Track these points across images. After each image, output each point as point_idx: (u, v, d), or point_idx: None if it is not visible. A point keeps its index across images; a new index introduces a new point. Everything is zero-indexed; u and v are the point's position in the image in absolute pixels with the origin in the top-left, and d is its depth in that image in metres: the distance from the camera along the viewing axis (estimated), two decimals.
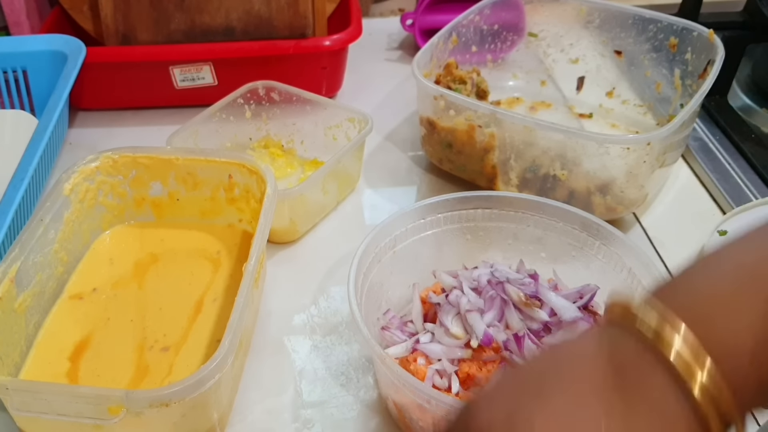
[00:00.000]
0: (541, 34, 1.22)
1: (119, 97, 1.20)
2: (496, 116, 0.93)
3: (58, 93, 1.00)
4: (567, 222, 0.81)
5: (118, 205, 0.91)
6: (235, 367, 0.75)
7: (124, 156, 0.88)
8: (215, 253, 0.90)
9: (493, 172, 0.98)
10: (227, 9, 1.14)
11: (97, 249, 0.90)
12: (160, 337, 0.79)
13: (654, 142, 0.88)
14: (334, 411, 0.76)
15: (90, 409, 0.62)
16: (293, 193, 0.89)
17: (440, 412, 0.64)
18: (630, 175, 0.91)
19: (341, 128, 1.04)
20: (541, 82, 1.24)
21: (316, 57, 1.15)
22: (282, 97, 1.06)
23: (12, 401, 0.63)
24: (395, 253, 0.80)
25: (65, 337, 0.79)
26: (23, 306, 0.75)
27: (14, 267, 0.73)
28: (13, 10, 1.20)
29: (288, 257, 0.95)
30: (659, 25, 1.09)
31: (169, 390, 0.61)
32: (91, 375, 0.75)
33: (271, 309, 0.87)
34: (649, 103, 1.15)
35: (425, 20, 1.33)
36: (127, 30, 1.14)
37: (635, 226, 0.99)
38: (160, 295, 0.84)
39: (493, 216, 0.83)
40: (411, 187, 1.07)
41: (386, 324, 0.77)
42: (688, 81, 1.06)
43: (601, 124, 1.16)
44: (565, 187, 0.94)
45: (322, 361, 0.81)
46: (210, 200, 0.91)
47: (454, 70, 1.08)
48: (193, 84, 1.16)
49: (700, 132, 1.13)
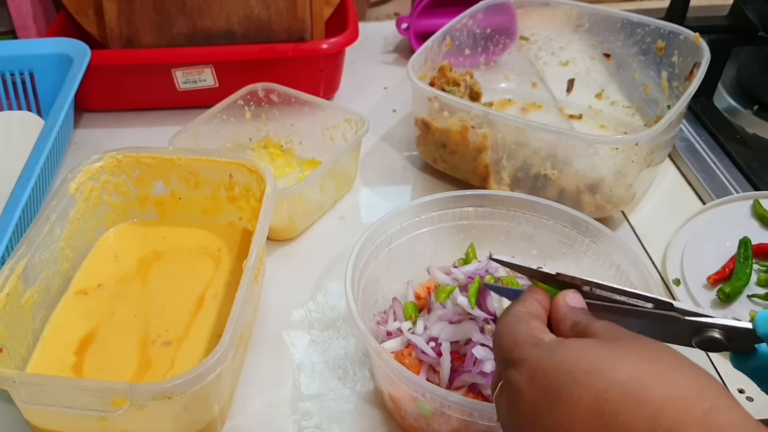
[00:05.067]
0: (532, 37, 1.22)
1: (123, 99, 1.20)
2: (488, 117, 0.93)
3: (64, 95, 1.01)
4: (557, 220, 0.82)
5: (122, 204, 0.92)
6: (236, 361, 0.76)
7: (127, 156, 0.88)
8: (216, 251, 0.90)
9: (485, 171, 0.99)
10: (228, 13, 1.14)
11: (101, 246, 0.90)
12: (162, 332, 0.80)
13: (642, 143, 0.89)
14: (331, 403, 0.77)
15: (95, 401, 0.63)
16: (292, 192, 0.90)
17: (434, 405, 0.65)
18: (618, 174, 0.92)
19: (338, 129, 1.05)
20: (533, 84, 1.24)
21: (314, 60, 1.16)
22: (281, 98, 1.07)
23: (19, 394, 0.64)
24: (391, 250, 0.81)
25: (71, 331, 0.79)
26: (30, 301, 0.76)
27: (21, 264, 0.74)
28: (21, 15, 1.20)
29: (287, 254, 0.95)
30: (647, 28, 1.10)
31: (172, 383, 0.62)
32: (96, 368, 0.76)
33: (271, 304, 0.88)
34: (637, 104, 1.16)
35: (420, 24, 1.33)
36: (131, 33, 1.15)
37: (623, 224, 1.00)
38: (162, 291, 0.85)
39: (485, 214, 0.84)
40: (406, 186, 1.08)
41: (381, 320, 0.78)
42: (675, 83, 1.07)
43: (591, 124, 1.17)
44: (556, 186, 0.95)
45: (320, 355, 0.82)
46: (211, 199, 0.92)
47: (448, 73, 1.09)
48: (195, 86, 1.16)
49: (686, 132, 1.14)
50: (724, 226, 0.95)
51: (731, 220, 0.96)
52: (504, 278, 0.77)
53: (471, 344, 0.71)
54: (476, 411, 0.63)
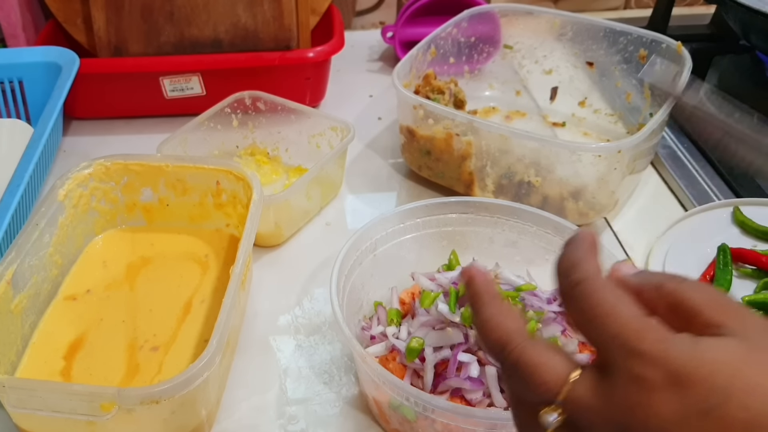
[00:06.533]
0: (516, 46, 1.23)
1: (111, 107, 1.20)
2: (473, 125, 0.94)
3: (53, 103, 1.00)
4: (541, 226, 0.83)
5: (110, 210, 0.92)
6: (223, 365, 0.76)
7: (116, 163, 0.89)
8: (203, 257, 0.90)
9: (470, 178, 0.99)
10: (215, 22, 1.15)
11: (90, 252, 0.90)
12: (150, 337, 0.80)
13: (624, 150, 0.89)
14: (317, 408, 0.77)
15: (83, 406, 0.63)
16: (278, 199, 0.90)
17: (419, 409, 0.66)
18: (601, 181, 0.93)
19: (324, 136, 1.05)
20: (516, 92, 1.25)
21: (301, 68, 1.16)
22: (267, 106, 1.07)
23: (9, 398, 0.64)
24: (376, 256, 0.82)
25: (60, 336, 0.79)
26: (19, 307, 0.76)
27: (11, 270, 0.74)
28: (10, 24, 1.20)
29: (273, 260, 0.96)
30: (629, 37, 1.11)
31: (159, 388, 0.62)
32: (85, 373, 0.76)
33: (257, 310, 0.88)
34: (620, 112, 1.16)
35: (405, 33, 1.34)
36: (119, 42, 1.15)
37: (606, 231, 1.00)
38: (150, 297, 0.85)
39: (469, 221, 0.85)
40: (391, 193, 1.08)
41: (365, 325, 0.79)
42: (658, 91, 1.07)
43: (574, 132, 1.18)
44: (539, 193, 0.96)
45: (306, 360, 0.82)
46: (198, 206, 0.92)
47: (433, 81, 1.09)
48: (182, 94, 1.17)
49: (668, 140, 1.14)
50: (705, 232, 0.96)
51: (712, 226, 0.97)
52: None
53: (455, 349, 0.72)
54: (460, 415, 0.64)
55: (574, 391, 0.41)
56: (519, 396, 0.45)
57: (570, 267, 0.43)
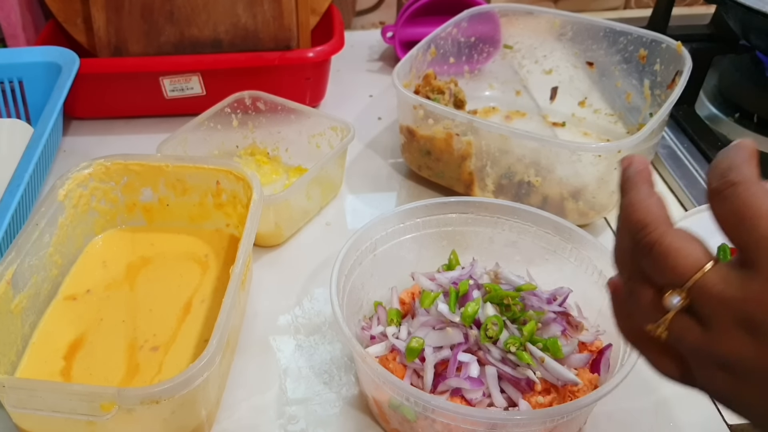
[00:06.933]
0: (516, 46, 1.23)
1: (111, 107, 1.20)
2: (473, 125, 0.94)
3: (53, 102, 1.01)
4: (541, 226, 0.83)
5: (110, 210, 0.92)
6: (223, 365, 0.76)
7: (116, 163, 0.89)
8: (203, 257, 0.90)
9: (470, 178, 0.99)
10: (215, 22, 1.15)
11: (90, 252, 0.90)
12: (150, 337, 0.80)
13: (624, 150, 0.89)
14: (317, 408, 0.77)
15: (83, 406, 0.63)
16: (278, 199, 0.90)
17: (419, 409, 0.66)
18: (601, 181, 0.92)
19: (324, 136, 1.05)
20: (516, 92, 1.25)
21: (300, 68, 1.16)
22: (267, 106, 1.07)
23: (8, 398, 0.64)
24: (375, 256, 0.82)
25: (59, 336, 0.79)
26: (19, 307, 0.76)
27: (11, 270, 0.74)
28: (10, 24, 1.20)
29: (273, 260, 0.96)
30: (629, 37, 1.11)
31: (159, 388, 0.62)
32: (85, 373, 0.76)
33: (257, 310, 0.88)
34: (620, 112, 1.16)
35: (405, 33, 1.34)
36: (119, 42, 1.15)
37: (606, 231, 1.00)
38: (150, 297, 0.85)
39: (469, 221, 0.85)
40: (391, 193, 1.08)
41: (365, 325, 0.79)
42: (657, 91, 1.08)
43: (574, 132, 1.18)
44: (539, 193, 0.96)
45: (306, 360, 0.82)
46: (198, 206, 0.92)
47: (433, 81, 1.09)
48: (182, 94, 1.17)
49: (668, 140, 1.14)
50: (705, 232, 0.95)
51: (712, 226, 0.96)
52: (487, 285, 0.78)
53: (455, 349, 0.72)
54: (460, 415, 0.64)
55: (705, 279, 0.43)
56: (646, 277, 0.45)
57: (728, 168, 0.44)
